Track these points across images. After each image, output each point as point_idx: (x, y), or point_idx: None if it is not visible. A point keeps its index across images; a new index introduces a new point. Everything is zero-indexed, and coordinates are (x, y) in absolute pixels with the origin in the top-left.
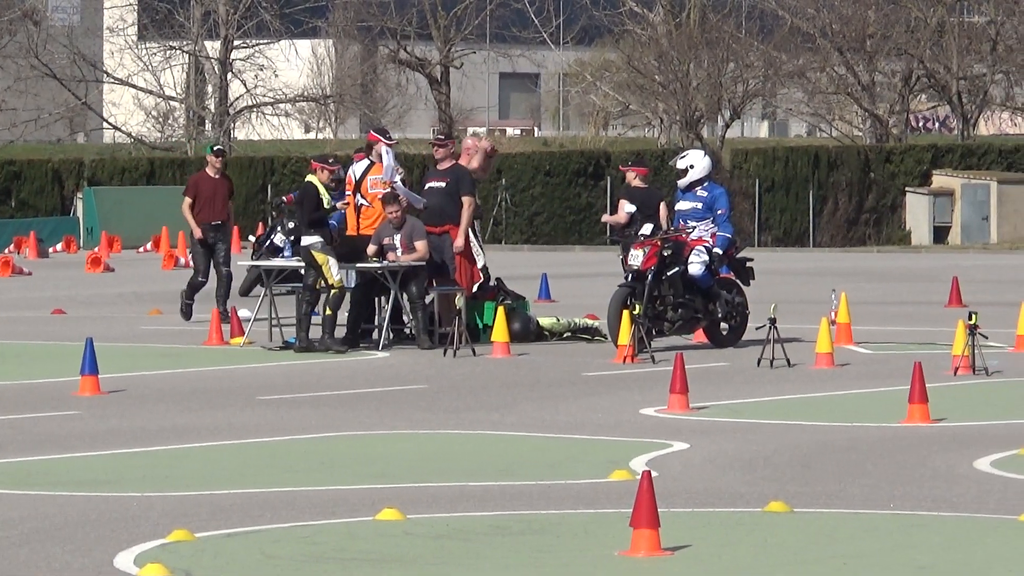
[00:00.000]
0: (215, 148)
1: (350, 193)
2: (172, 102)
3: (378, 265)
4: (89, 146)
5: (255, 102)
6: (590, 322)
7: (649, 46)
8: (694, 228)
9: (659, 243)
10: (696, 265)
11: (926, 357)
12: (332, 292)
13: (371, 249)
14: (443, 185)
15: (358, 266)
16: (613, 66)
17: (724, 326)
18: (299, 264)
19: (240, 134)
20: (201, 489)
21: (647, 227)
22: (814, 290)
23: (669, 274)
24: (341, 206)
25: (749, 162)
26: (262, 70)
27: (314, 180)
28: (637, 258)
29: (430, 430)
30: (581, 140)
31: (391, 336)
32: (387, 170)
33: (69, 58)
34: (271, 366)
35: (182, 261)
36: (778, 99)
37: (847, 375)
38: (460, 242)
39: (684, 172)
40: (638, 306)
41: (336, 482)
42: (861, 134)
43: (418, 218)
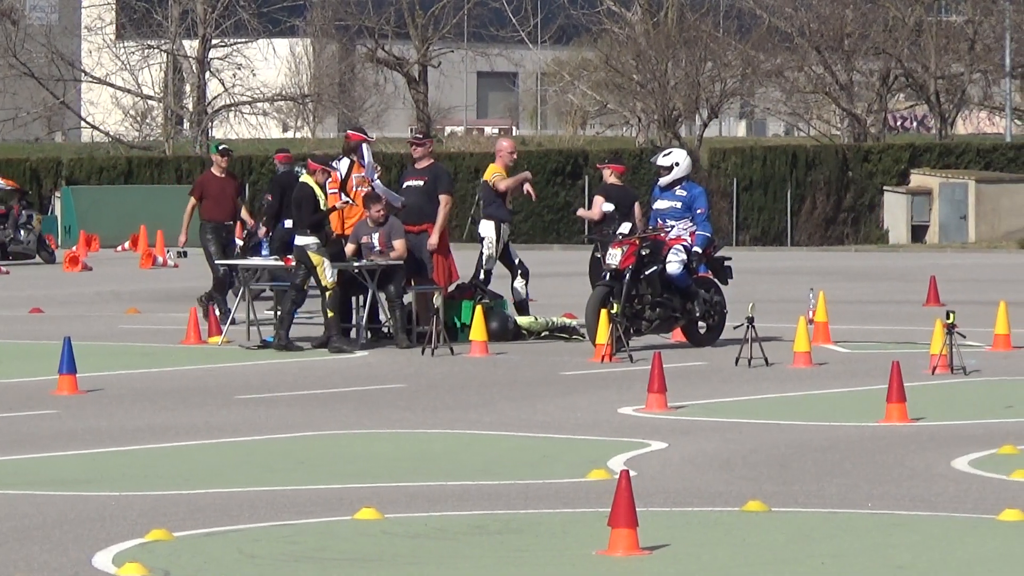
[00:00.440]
0: (221, 148)
1: (335, 192)
2: (150, 101)
3: (356, 264)
4: (67, 145)
5: (233, 101)
6: (568, 321)
7: (627, 45)
8: (672, 227)
9: (637, 242)
10: (674, 264)
11: (904, 356)
12: (328, 294)
13: (349, 248)
14: (421, 184)
15: (336, 265)
16: (591, 65)
17: (702, 325)
18: (275, 263)
19: (218, 133)
20: (179, 488)
21: (625, 226)
22: (792, 289)
23: (647, 273)
24: (341, 204)
25: (727, 161)
26: (240, 69)
27: (309, 181)
28: (615, 257)
29: (408, 429)
30: (559, 139)
31: (368, 335)
32: (367, 168)
33: (47, 57)
34: (249, 365)
35: (160, 260)
36: (756, 98)
37: (825, 374)
38: (435, 240)
39: (668, 169)
40: (616, 305)
41: (314, 481)
42: (839, 133)
43: (396, 217)
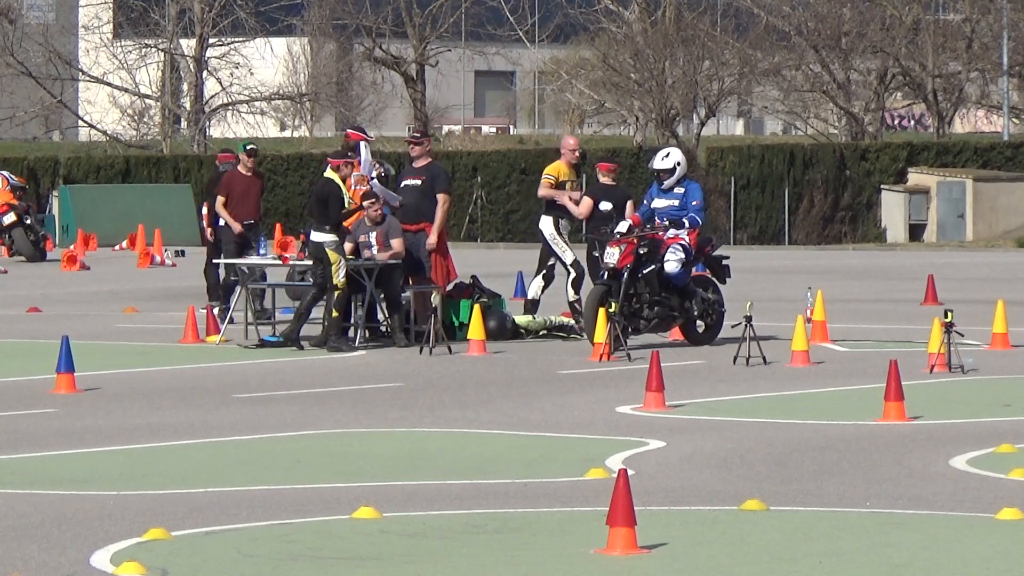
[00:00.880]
0: (248, 147)
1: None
2: (147, 100)
3: (354, 263)
4: (64, 144)
5: (230, 100)
6: (566, 320)
7: (624, 44)
8: (668, 226)
9: (635, 241)
10: (672, 263)
11: (902, 355)
12: (336, 294)
13: (347, 247)
14: (419, 183)
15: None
16: (588, 64)
17: (700, 324)
18: (272, 262)
19: (215, 132)
20: (177, 487)
21: (623, 225)
22: (790, 288)
23: (645, 272)
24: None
25: (724, 160)
26: (237, 68)
27: (335, 177)
28: (613, 256)
29: (406, 428)
30: (557, 138)
31: (366, 334)
32: (364, 165)
33: (44, 56)
34: (247, 364)
35: (157, 259)
36: (753, 97)
37: (823, 373)
38: (433, 239)
39: (670, 172)
40: (614, 304)
41: (312, 480)
42: (836, 132)
43: (394, 216)
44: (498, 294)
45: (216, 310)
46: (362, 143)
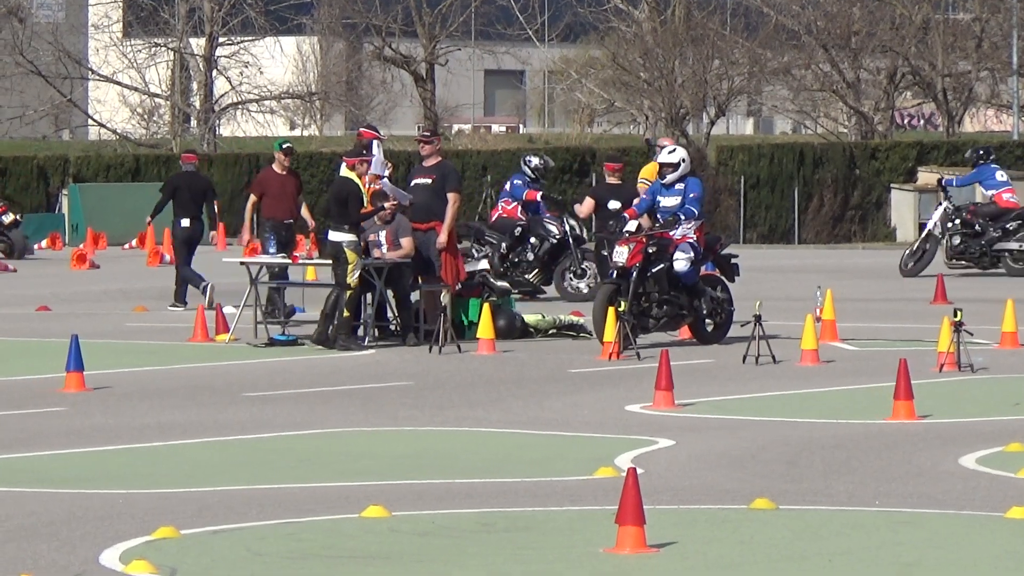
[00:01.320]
0: (284, 146)
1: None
2: (157, 99)
3: (364, 262)
4: (74, 143)
5: (240, 99)
6: (575, 319)
7: (634, 43)
8: (672, 221)
9: (644, 240)
10: (681, 262)
11: (911, 354)
12: (348, 293)
13: None
14: (429, 182)
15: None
16: (598, 63)
17: (709, 323)
18: (284, 261)
19: (225, 131)
20: (186, 486)
21: (632, 224)
22: (799, 287)
23: (654, 271)
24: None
25: (734, 159)
26: (247, 67)
27: (352, 176)
28: (622, 255)
29: (415, 427)
30: (566, 137)
31: (376, 333)
32: (376, 164)
33: (54, 55)
34: (257, 363)
35: (167, 258)
36: (763, 96)
37: (832, 372)
38: (443, 238)
39: (674, 167)
40: (623, 303)
41: (321, 479)
42: (846, 131)
43: (404, 215)
44: (509, 290)
45: (226, 308)
46: (375, 142)
